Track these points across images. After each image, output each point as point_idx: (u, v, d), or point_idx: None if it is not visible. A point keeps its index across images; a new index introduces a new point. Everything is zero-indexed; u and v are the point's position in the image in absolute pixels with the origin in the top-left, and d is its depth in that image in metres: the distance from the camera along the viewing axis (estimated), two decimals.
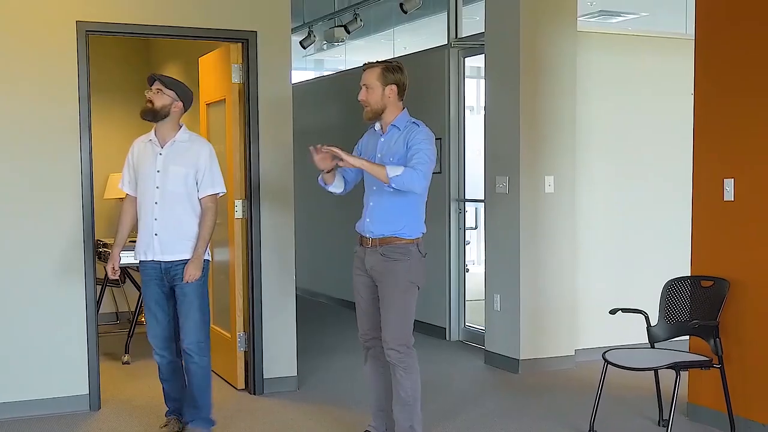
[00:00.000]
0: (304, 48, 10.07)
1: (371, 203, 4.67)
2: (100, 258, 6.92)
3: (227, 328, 6.38)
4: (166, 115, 4.94)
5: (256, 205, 6.08)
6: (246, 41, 6.01)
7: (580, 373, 6.64)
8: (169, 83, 4.99)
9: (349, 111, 8.80)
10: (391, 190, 4.45)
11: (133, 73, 9.09)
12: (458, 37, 8.05)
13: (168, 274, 5.00)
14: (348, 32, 9.14)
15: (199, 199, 5.02)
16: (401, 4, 8.28)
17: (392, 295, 4.58)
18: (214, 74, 6.48)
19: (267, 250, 6.12)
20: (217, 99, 6.45)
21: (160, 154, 4.97)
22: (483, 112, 7.36)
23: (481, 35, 7.33)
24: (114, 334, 7.99)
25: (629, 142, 7.23)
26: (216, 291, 6.71)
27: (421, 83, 8.34)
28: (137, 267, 7.39)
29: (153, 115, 4.93)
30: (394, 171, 4.38)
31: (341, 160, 4.47)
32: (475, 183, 7.95)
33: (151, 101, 4.92)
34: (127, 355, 7.11)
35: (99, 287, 6.81)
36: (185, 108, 5.03)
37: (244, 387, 6.19)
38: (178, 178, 4.94)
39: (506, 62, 6.76)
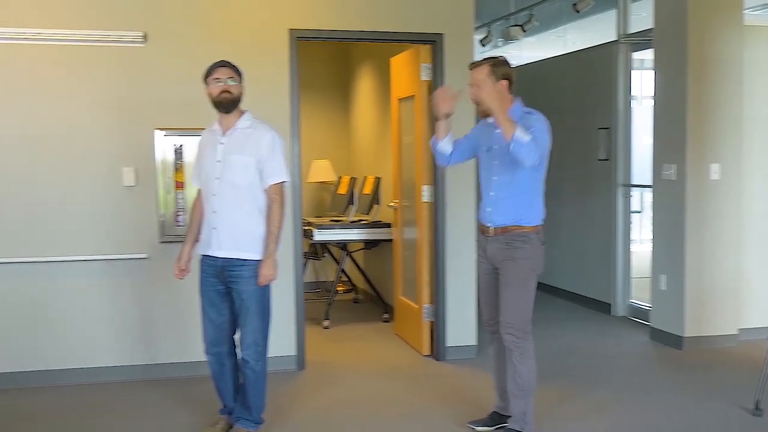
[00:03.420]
0: (483, 46, 9.92)
1: (491, 193, 4.29)
2: (304, 235, 7.05)
3: (414, 300, 6.39)
4: (238, 104, 4.23)
5: (441, 190, 6.02)
6: (434, 42, 5.95)
7: (743, 351, 6.25)
8: (237, 68, 4.24)
9: (524, 102, 8.58)
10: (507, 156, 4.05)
11: (334, 72, 9.27)
12: (626, 33, 7.72)
13: (223, 272, 4.21)
14: (524, 31, 8.93)
15: (264, 191, 4.21)
16: (574, 4, 8.01)
17: (512, 282, 4.21)
18: (405, 73, 6.46)
19: (450, 229, 6.06)
20: (407, 95, 6.43)
21: (221, 143, 4.21)
22: (644, 102, 7.06)
23: (648, 31, 7.01)
24: (314, 302, 8.17)
25: None
26: (404, 266, 6.73)
27: (590, 77, 8.10)
28: (336, 243, 7.66)
29: (234, 105, 4.21)
30: (522, 135, 3.94)
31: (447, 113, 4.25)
32: (639, 169, 7.64)
33: (228, 91, 4.16)
34: (327, 320, 7.25)
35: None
36: None
37: (429, 353, 6.18)
38: (238, 168, 4.15)
39: (674, 55, 6.41)
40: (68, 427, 4.66)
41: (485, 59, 4.30)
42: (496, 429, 4.50)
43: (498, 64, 4.23)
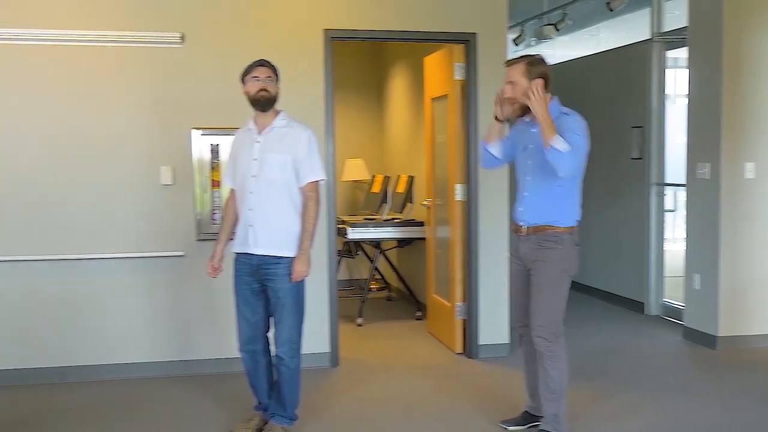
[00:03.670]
0: (516, 45, 9.85)
1: (525, 193, 4.20)
2: (338, 233, 7.04)
3: (447, 298, 6.35)
4: (275, 103, 4.25)
5: (474, 188, 5.98)
6: (467, 42, 5.91)
7: None
8: (275, 68, 4.27)
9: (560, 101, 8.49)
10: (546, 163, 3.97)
11: (368, 72, 9.25)
12: (660, 31, 7.61)
13: (259, 270, 4.19)
14: (557, 30, 8.84)
15: (301, 189, 4.21)
16: (608, 3, 7.91)
17: (543, 283, 4.11)
18: (439, 72, 6.42)
19: (483, 228, 6.02)
20: (440, 94, 6.39)
21: (258, 141, 4.20)
22: (678, 101, 6.96)
23: (682, 29, 6.91)
24: (348, 299, 8.16)
25: None
26: (437, 264, 6.70)
27: (624, 75, 7.99)
28: (369, 241, 7.65)
29: (271, 104, 4.21)
30: (560, 144, 3.86)
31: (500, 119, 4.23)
32: (673, 168, 7.53)
33: (265, 89, 4.18)
34: (360, 318, 7.25)
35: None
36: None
37: (461, 351, 6.14)
38: (275, 166, 4.14)
39: (709, 54, 6.31)
40: (103, 423, 4.69)
41: (522, 57, 4.21)
42: (527, 428, 4.46)
43: (534, 62, 4.13)
